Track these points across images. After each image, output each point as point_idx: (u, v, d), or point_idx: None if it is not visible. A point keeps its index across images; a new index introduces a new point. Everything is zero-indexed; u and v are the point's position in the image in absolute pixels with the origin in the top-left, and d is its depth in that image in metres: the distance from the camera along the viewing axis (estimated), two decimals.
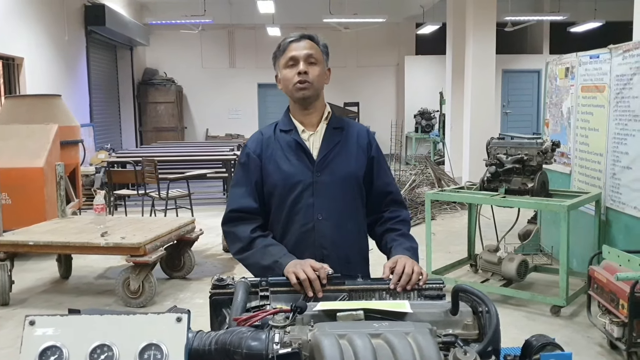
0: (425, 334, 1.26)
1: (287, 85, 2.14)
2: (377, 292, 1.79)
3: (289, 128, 2.19)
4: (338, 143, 2.17)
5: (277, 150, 2.16)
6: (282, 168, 2.13)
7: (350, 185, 2.16)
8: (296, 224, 2.12)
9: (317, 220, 2.11)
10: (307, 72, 2.10)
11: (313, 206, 2.11)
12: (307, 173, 2.12)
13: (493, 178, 5.20)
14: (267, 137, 2.20)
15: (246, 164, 2.18)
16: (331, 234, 2.12)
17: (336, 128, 2.20)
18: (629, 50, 4.77)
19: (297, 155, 2.14)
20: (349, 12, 13.65)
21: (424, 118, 15.20)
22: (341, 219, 2.14)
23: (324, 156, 2.14)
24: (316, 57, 2.13)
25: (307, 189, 2.11)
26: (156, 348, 1.23)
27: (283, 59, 2.15)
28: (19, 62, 9.27)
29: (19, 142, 6.63)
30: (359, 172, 2.18)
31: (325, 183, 2.12)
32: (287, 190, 2.12)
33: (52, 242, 5.09)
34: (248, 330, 1.33)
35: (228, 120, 16.87)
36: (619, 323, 3.73)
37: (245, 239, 2.10)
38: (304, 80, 2.10)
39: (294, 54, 2.11)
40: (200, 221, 6.44)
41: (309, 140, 2.17)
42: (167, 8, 15.02)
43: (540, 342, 1.39)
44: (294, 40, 2.14)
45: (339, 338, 1.23)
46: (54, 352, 1.21)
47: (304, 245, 2.10)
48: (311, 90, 2.12)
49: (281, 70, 2.16)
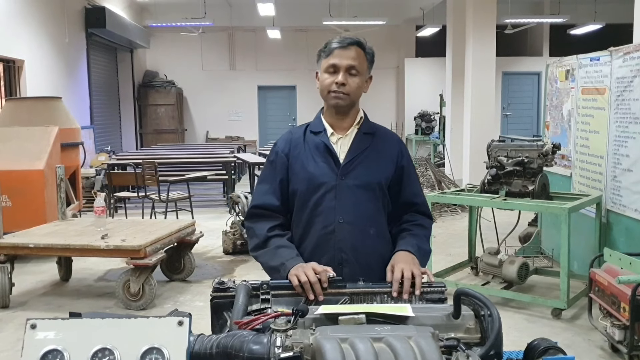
0: (428, 338, 1.25)
1: (324, 90, 2.13)
2: (378, 296, 1.78)
3: (318, 130, 2.18)
4: (366, 149, 2.15)
5: (305, 151, 2.16)
6: (307, 169, 2.13)
7: (374, 191, 2.14)
8: (317, 225, 2.12)
9: (337, 224, 2.10)
10: (345, 83, 2.07)
11: (334, 209, 2.10)
12: (332, 176, 2.11)
13: (494, 180, 5.19)
14: (296, 137, 2.20)
15: (274, 162, 2.19)
16: (351, 238, 2.10)
17: (367, 133, 2.18)
18: (629, 52, 4.77)
19: (323, 157, 2.13)
20: (349, 15, 13.66)
21: (424, 120, 15.21)
22: (362, 224, 2.12)
23: (350, 160, 2.12)
24: (358, 68, 2.09)
25: (330, 191, 2.11)
26: (158, 352, 1.22)
27: (325, 63, 2.11)
28: (19, 65, 9.27)
29: (20, 144, 6.62)
30: (384, 179, 2.16)
31: (348, 187, 2.11)
32: (310, 191, 2.12)
33: (53, 245, 5.08)
34: (249, 333, 1.33)
35: (228, 123, 16.89)
36: (621, 326, 3.73)
37: (261, 236, 2.11)
38: (341, 92, 2.08)
39: (336, 62, 2.08)
40: (200, 223, 6.44)
41: (337, 143, 2.16)
42: (168, 10, 15.03)
43: (543, 346, 1.39)
44: (340, 46, 2.09)
45: (340, 342, 1.23)
46: (55, 356, 1.21)
47: (324, 248, 2.10)
48: (346, 101, 2.11)
49: (321, 72, 2.13)
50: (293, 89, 17.06)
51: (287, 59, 16.64)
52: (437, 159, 14.02)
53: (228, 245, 6.74)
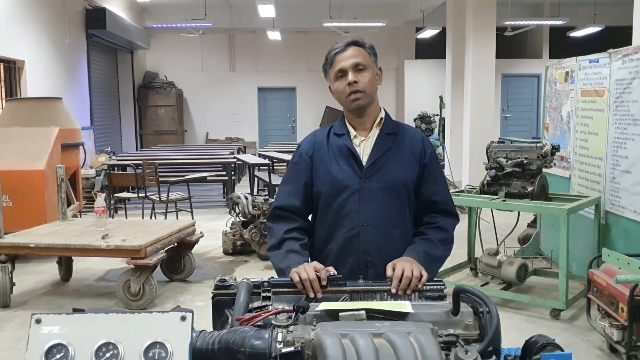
0: (427, 334, 1.27)
1: (341, 97, 2.16)
2: (378, 294, 1.80)
3: (341, 132, 2.20)
4: (389, 149, 2.16)
5: (328, 154, 2.18)
6: (331, 172, 2.15)
7: (398, 193, 2.15)
8: (342, 229, 2.13)
9: (362, 227, 2.11)
10: (356, 81, 2.11)
11: (359, 212, 2.11)
12: (355, 179, 2.13)
13: (493, 182, 5.21)
14: (319, 140, 2.22)
15: (297, 163, 2.22)
16: (376, 241, 2.11)
17: (389, 134, 2.19)
18: (628, 54, 4.79)
19: (346, 160, 2.15)
20: (349, 17, 13.68)
21: (424, 122, 15.22)
22: (387, 226, 2.13)
23: (372, 163, 2.14)
24: (364, 62, 2.13)
25: (354, 194, 2.12)
26: (161, 346, 1.24)
27: (332, 72, 2.16)
28: (20, 65, 9.29)
29: (20, 144, 6.64)
30: (409, 179, 2.16)
31: (372, 189, 2.12)
32: (334, 194, 2.13)
33: (53, 245, 5.09)
34: (251, 329, 1.34)
35: (228, 124, 16.91)
36: (619, 326, 3.74)
37: (278, 237, 2.13)
38: (356, 90, 2.11)
39: (342, 66, 2.12)
40: (200, 224, 6.46)
41: (360, 145, 2.18)
42: (168, 12, 15.06)
43: (541, 343, 1.41)
44: (339, 51, 2.14)
45: (341, 337, 1.25)
46: (59, 350, 1.23)
47: (349, 251, 2.11)
48: (365, 98, 2.13)
49: (332, 83, 2.18)
50: (293, 91, 17.08)
51: (287, 61, 16.67)
52: None
53: (228, 245, 6.76)
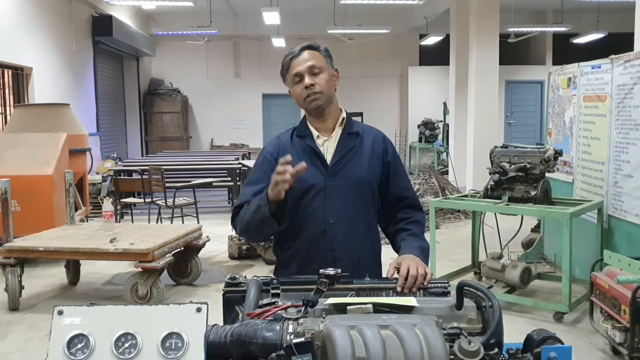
0: (432, 326, 1.32)
1: (299, 100, 2.23)
2: (384, 291, 1.84)
3: (304, 134, 2.26)
4: (352, 148, 2.23)
5: (293, 155, 2.18)
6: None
7: (362, 190, 2.22)
8: (308, 226, 2.19)
9: (328, 224, 2.17)
10: (313, 84, 2.17)
11: (325, 210, 2.17)
12: (320, 177, 2.18)
13: (496, 186, 5.26)
14: (284, 142, 2.28)
15: (261, 165, 2.26)
16: (342, 237, 2.17)
17: (351, 133, 2.25)
18: (629, 60, 4.84)
19: (311, 160, 2.19)
20: (353, 23, 13.76)
21: (428, 128, 15.28)
22: (352, 223, 2.20)
23: (337, 161, 2.20)
24: (319, 65, 2.19)
25: (319, 192, 2.18)
26: (177, 337, 1.30)
27: (289, 77, 2.23)
28: (27, 72, 9.39)
29: (29, 150, 6.72)
30: (372, 177, 2.24)
31: (337, 187, 2.18)
32: (300, 193, 2.18)
33: (62, 248, 5.16)
34: (262, 322, 1.40)
35: (233, 130, 16.97)
36: (621, 328, 3.78)
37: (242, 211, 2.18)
38: (313, 92, 2.17)
39: (298, 70, 2.19)
40: (205, 229, 6.50)
41: (323, 145, 2.24)
42: (173, 19, 15.16)
43: (541, 336, 1.46)
44: (294, 56, 2.21)
45: (349, 329, 1.30)
46: (81, 340, 1.29)
47: (316, 248, 2.17)
48: (322, 98, 2.19)
49: (291, 87, 2.25)
50: None
51: None
52: (440, 166, 14.09)
53: (234, 250, 6.81)
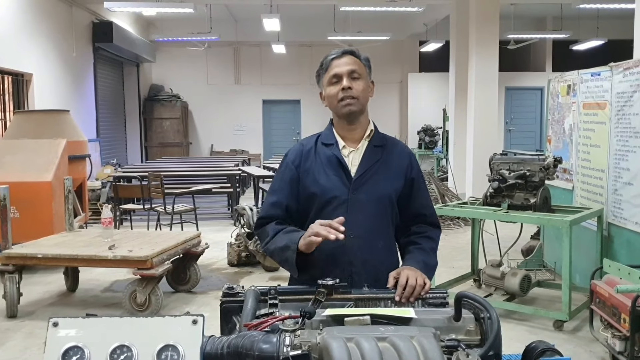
0: (430, 338, 1.31)
1: (333, 101, 2.17)
2: (382, 301, 1.84)
3: (330, 142, 2.21)
4: (377, 162, 2.18)
5: (316, 163, 2.18)
6: (320, 182, 2.15)
7: (384, 205, 2.18)
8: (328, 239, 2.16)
9: (348, 238, 2.09)
10: (351, 87, 2.13)
11: (346, 223, 2.09)
12: (343, 189, 2.14)
13: (496, 193, 5.25)
14: (307, 149, 2.22)
15: (283, 173, 2.23)
16: (361, 252, 2.13)
17: (377, 146, 2.21)
18: (629, 68, 4.84)
19: (335, 170, 2.16)
20: (353, 30, 13.79)
21: (428, 134, 15.29)
22: (372, 238, 2.16)
23: (361, 174, 2.15)
24: (359, 71, 2.16)
25: (341, 205, 2.13)
26: (173, 349, 1.29)
27: (326, 77, 2.18)
28: (28, 78, 9.40)
29: (28, 156, 6.71)
30: (394, 192, 2.19)
31: (360, 201, 2.14)
32: (322, 204, 2.15)
33: (61, 255, 5.14)
34: (259, 334, 1.39)
35: (233, 136, 17.00)
36: (621, 337, 3.76)
37: (271, 232, 2.15)
38: (349, 96, 2.13)
39: (337, 71, 2.15)
40: (205, 236, 6.50)
41: (348, 156, 2.19)
42: (174, 25, 15.20)
43: (540, 348, 1.45)
44: (335, 57, 2.17)
45: (346, 341, 1.28)
46: (76, 352, 1.28)
47: (334, 262, 2.11)
48: (357, 105, 2.15)
49: (325, 87, 2.20)
50: (297, 103, 17.18)
51: (292, 74, 16.77)
52: (440, 173, 14.08)
53: (233, 257, 6.80)
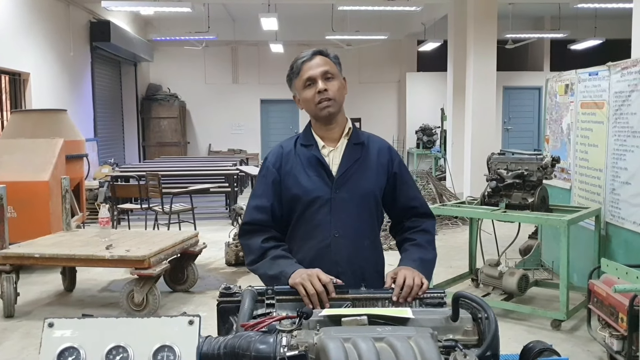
0: (427, 338, 1.30)
1: (310, 105, 2.15)
2: (379, 301, 1.83)
3: (309, 143, 2.19)
4: (358, 160, 2.17)
5: (297, 165, 2.16)
6: (301, 183, 2.14)
7: (367, 203, 2.17)
8: (313, 240, 2.13)
9: (333, 238, 2.11)
10: (326, 89, 2.12)
11: (330, 223, 2.11)
12: (326, 189, 2.13)
13: (494, 193, 5.25)
14: (287, 152, 2.20)
15: (265, 177, 2.20)
16: (347, 252, 2.12)
17: (357, 144, 2.20)
18: (627, 67, 4.84)
19: (316, 171, 2.14)
20: (351, 30, 13.79)
21: (426, 134, 15.28)
22: (357, 236, 2.15)
23: (343, 173, 2.14)
24: (332, 71, 2.14)
25: (324, 205, 2.12)
26: (169, 350, 1.28)
27: (299, 81, 2.16)
28: (25, 78, 9.38)
29: (25, 156, 6.70)
30: (377, 189, 2.18)
31: (343, 200, 2.12)
32: (305, 205, 2.13)
33: (58, 255, 5.13)
34: (256, 334, 1.38)
35: (231, 136, 16.99)
36: (619, 336, 3.76)
37: (257, 250, 2.11)
38: (326, 98, 2.12)
39: (311, 74, 2.13)
40: (203, 235, 6.48)
41: (328, 156, 2.18)
42: (172, 25, 15.18)
43: (538, 348, 1.44)
44: (306, 59, 2.16)
45: (344, 341, 1.28)
46: (71, 353, 1.26)
47: (320, 262, 2.07)
48: (335, 106, 2.14)
49: (300, 92, 2.18)
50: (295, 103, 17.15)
51: None
52: (438, 172, 14.08)
53: (231, 256, 6.79)
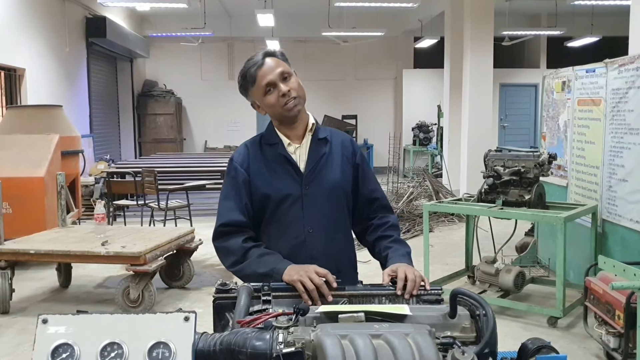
0: (425, 335, 1.29)
1: (276, 109, 2.11)
2: (376, 298, 1.82)
3: (274, 142, 2.17)
4: (324, 154, 2.17)
5: (264, 164, 2.15)
6: (271, 182, 2.12)
7: (338, 196, 2.17)
8: (287, 237, 2.12)
9: (307, 233, 2.11)
10: (289, 89, 2.10)
11: (303, 219, 2.11)
12: (296, 186, 2.12)
13: (490, 190, 5.24)
14: (253, 151, 2.18)
15: (234, 177, 2.15)
16: (322, 246, 2.12)
17: (321, 139, 2.19)
18: (624, 64, 4.84)
19: (284, 168, 2.13)
20: (348, 26, 13.75)
21: (422, 131, 15.28)
22: (330, 231, 2.15)
23: (311, 169, 2.14)
24: (286, 70, 2.12)
25: (296, 202, 2.11)
26: (164, 346, 1.26)
27: (257, 89, 2.11)
28: (20, 73, 9.32)
29: (20, 151, 6.67)
30: (346, 182, 2.19)
31: (313, 195, 2.12)
32: (276, 203, 2.11)
33: (53, 251, 5.11)
34: (252, 330, 1.36)
35: (227, 132, 16.94)
36: (615, 334, 3.77)
37: (238, 251, 2.06)
38: (292, 98, 2.10)
39: (269, 79, 2.09)
40: (199, 232, 6.47)
41: (295, 153, 2.16)
42: (168, 21, 15.12)
43: (536, 345, 1.43)
44: (259, 65, 2.10)
45: (341, 338, 1.26)
46: (65, 350, 1.25)
47: (295, 259, 2.04)
48: (301, 102, 2.13)
49: (260, 99, 2.13)
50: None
51: None
52: (434, 169, 14.09)
53: None
